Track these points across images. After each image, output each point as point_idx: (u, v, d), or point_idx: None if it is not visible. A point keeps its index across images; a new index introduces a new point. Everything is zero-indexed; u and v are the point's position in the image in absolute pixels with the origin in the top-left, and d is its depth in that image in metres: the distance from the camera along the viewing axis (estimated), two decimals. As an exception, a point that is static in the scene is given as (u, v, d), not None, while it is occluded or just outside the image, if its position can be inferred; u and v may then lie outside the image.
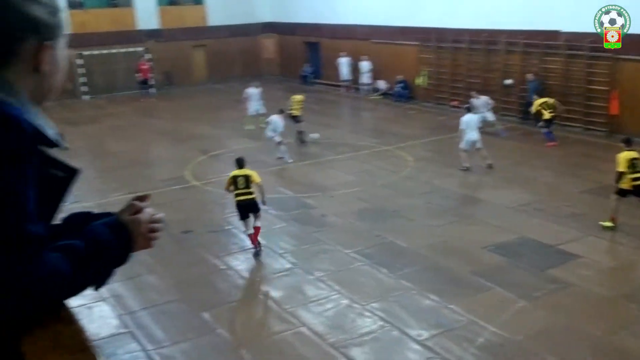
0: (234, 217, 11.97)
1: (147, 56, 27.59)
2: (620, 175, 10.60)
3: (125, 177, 14.95)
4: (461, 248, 10.25)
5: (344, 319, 8.13)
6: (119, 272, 1.61)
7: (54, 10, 1.53)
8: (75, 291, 1.50)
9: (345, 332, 7.81)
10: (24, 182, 1.36)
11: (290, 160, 15.85)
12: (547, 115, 16.53)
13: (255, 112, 19.38)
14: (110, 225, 1.60)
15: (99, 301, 8.47)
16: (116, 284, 8.84)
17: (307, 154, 16.65)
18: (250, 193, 10.25)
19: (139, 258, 1.68)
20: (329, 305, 8.47)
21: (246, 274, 9.55)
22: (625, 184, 10.62)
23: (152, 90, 26.92)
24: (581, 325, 7.78)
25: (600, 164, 14.81)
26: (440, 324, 7.93)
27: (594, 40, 17.31)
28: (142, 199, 1.70)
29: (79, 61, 26.39)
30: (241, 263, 10.01)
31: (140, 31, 27.94)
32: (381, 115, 22.04)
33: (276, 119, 15.96)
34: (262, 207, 10.37)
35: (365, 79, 25.26)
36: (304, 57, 29.35)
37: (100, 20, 27.36)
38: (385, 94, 24.51)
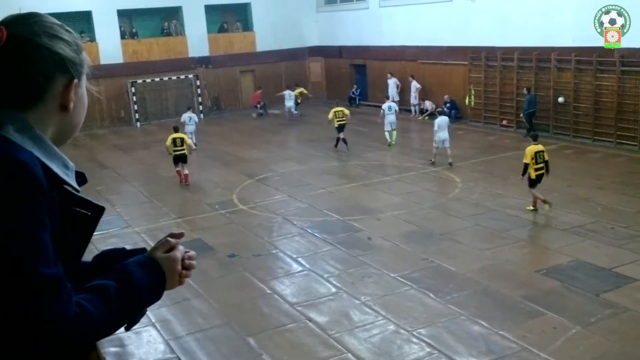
0: (280, 241, 12.03)
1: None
2: (526, 166, 12.42)
3: (175, 202, 15.19)
4: (512, 272, 9.96)
5: (390, 346, 7.97)
6: (166, 296, 1.59)
7: (79, 48, 1.54)
8: (107, 332, 1.48)
9: (392, 359, 7.64)
10: (34, 226, 1.35)
11: (194, 147, 18.45)
12: (336, 123, 19.27)
13: (390, 127, 20.09)
14: (143, 264, 1.57)
15: (147, 326, 8.54)
16: (163, 308, 8.92)
17: (354, 176, 16.58)
18: (183, 149, 16.17)
19: (186, 282, 1.67)
20: (374, 331, 8.32)
21: (291, 299, 9.48)
22: (530, 174, 12.42)
23: (261, 112, 28.07)
24: (638, 352, 7.42)
25: (658, 183, 14.28)
26: (491, 351, 7.68)
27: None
28: (176, 236, 1.68)
29: (132, 89, 27.14)
30: (286, 287, 9.96)
31: (190, 58, 28.59)
32: (428, 136, 21.75)
33: (192, 115, 21.07)
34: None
35: (413, 99, 25.15)
36: (351, 80, 29.43)
37: (152, 49, 28.14)
38: (432, 114, 24.29)
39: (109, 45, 26.77)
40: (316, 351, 7.93)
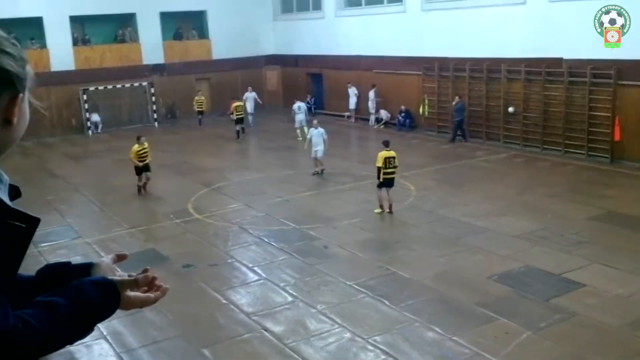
0: (236, 250, 11.96)
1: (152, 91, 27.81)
2: (379, 170, 13.47)
3: (128, 212, 14.93)
4: (465, 278, 10.12)
5: (346, 354, 8.00)
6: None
7: (24, 62, 1.51)
8: (52, 348, 1.45)
9: (348, 367, 7.67)
10: None
11: None
12: (235, 116, 23.20)
13: (300, 125, 22.41)
14: (100, 287, 1.56)
15: (98, 339, 8.36)
16: (115, 320, 8.73)
17: (310, 184, 16.61)
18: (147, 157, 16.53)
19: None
20: (330, 340, 8.34)
21: (247, 309, 9.43)
22: (381, 177, 13.46)
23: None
24: (587, 356, 7.63)
25: (604, 190, 14.73)
26: (445, 356, 7.79)
27: (596, 67, 17.37)
28: (122, 257, 1.75)
29: (84, 97, 26.63)
30: (242, 297, 9.90)
31: (145, 66, 28.24)
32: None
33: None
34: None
35: (370, 108, 25.38)
36: (307, 88, 29.53)
37: (105, 56, 27.68)
38: (387, 124, 24.56)
39: (61, 52, 26.23)
40: (272, 361, 7.90)
